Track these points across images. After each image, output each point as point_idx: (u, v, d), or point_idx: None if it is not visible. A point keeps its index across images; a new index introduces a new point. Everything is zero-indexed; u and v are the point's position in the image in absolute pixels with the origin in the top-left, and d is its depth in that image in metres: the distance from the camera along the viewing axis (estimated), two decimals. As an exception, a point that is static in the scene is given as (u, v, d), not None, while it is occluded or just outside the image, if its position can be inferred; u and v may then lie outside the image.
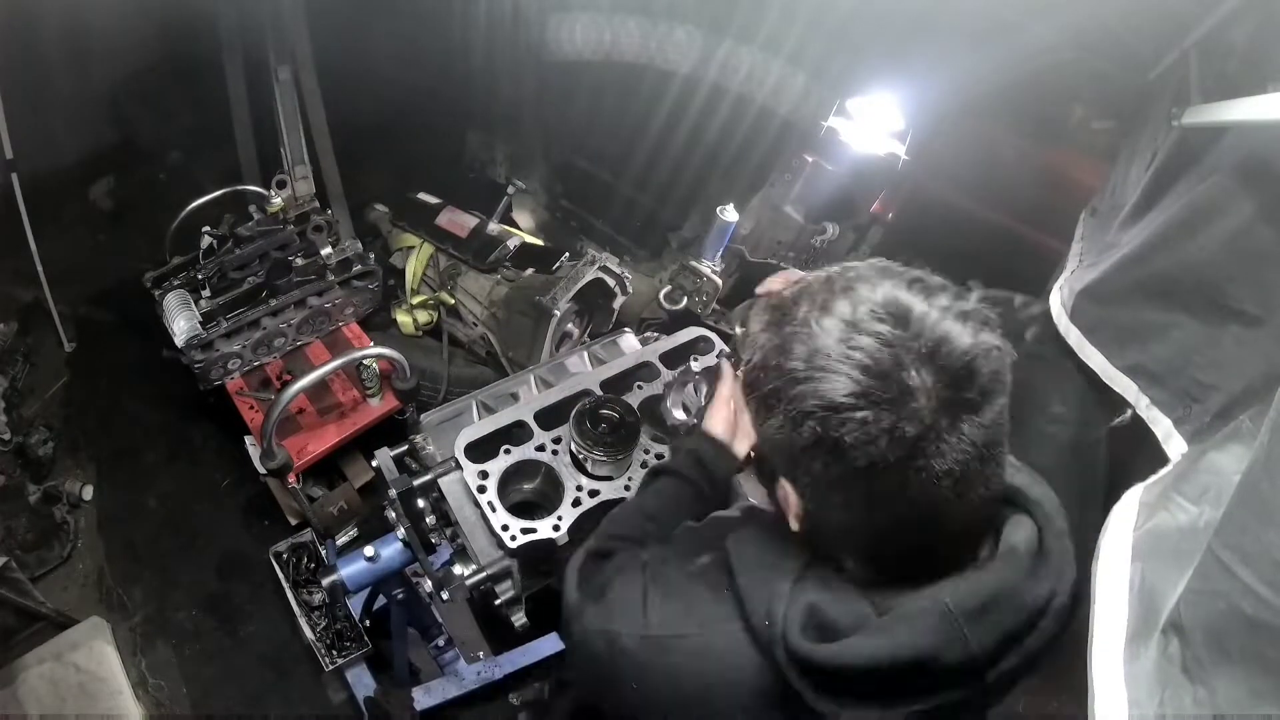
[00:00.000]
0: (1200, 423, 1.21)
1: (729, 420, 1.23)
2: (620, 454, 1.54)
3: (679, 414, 1.51)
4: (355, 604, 2.34)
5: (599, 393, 1.72)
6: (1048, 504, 0.85)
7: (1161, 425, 1.31)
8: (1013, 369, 0.87)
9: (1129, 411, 1.45)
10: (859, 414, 0.68)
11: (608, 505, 1.54)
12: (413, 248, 3.09)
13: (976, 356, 0.70)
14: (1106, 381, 1.50)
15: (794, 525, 0.85)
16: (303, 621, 2.34)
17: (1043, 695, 2.56)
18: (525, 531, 1.47)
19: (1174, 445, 1.25)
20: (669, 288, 2.70)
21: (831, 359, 0.70)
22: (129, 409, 3.09)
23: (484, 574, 1.52)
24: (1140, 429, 1.38)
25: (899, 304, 0.71)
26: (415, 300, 3.02)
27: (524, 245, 2.99)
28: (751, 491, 1.51)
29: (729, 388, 1.25)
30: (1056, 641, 0.80)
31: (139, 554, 2.74)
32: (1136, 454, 1.40)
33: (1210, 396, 1.21)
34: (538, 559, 1.57)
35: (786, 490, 0.82)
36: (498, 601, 1.56)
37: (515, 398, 1.85)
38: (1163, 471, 1.18)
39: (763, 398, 0.76)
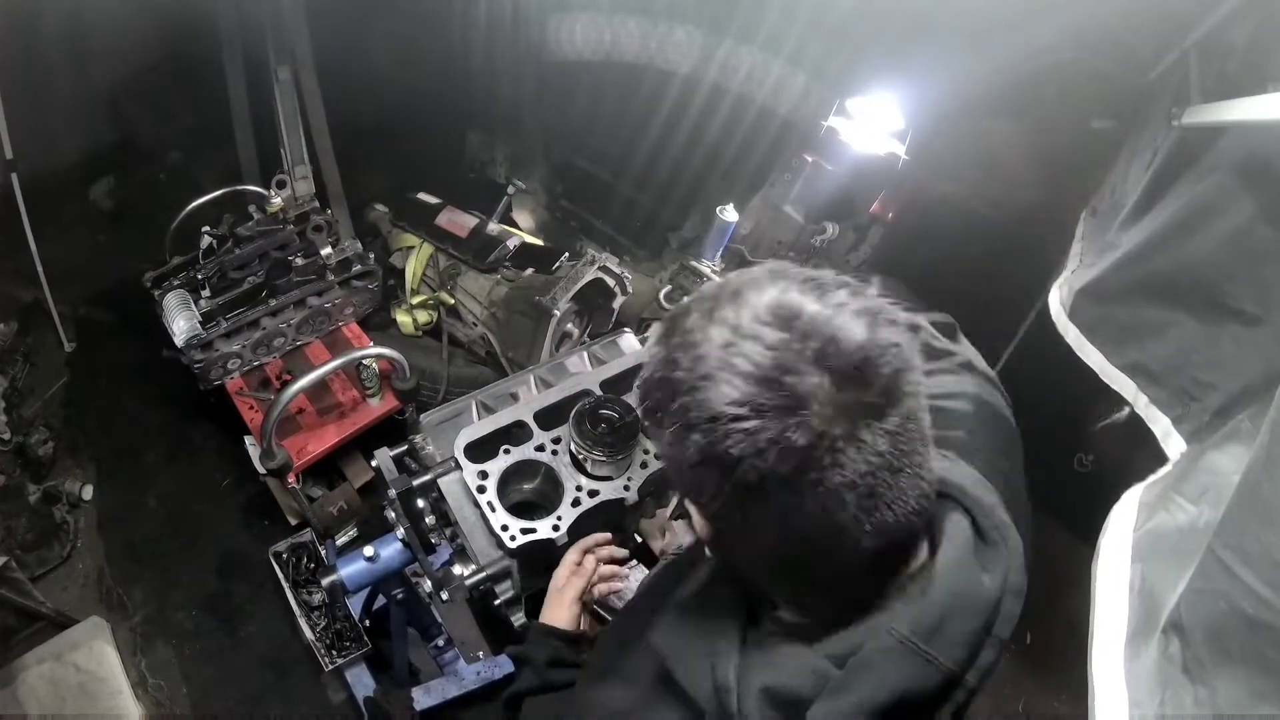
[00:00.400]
0: (1199, 421, 1.21)
1: (567, 605, 1.27)
2: (620, 454, 1.54)
3: None
4: (355, 604, 2.34)
5: (599, 393, 1.72)
6: (971, 485, 0.79)
7: (1160, 424, 1.31)
8: None
9: (1125, 409, 1.45)
10: (744, 424, 0.63)
11: (607, 505, 1.54)
12: (413, 248, 3.09)
13: (871, 354, 0.64)
14: (1105, 380, 1.50)
15: (709, 551, 0.81)
16: (303, 621, 2.34)
17: (1043, 695, 2.57)
18: (525, 531, 1.47)
19: (1173, 444, 1.25)
20: (669, 288, 2.70)
21: (714, 367, 0.65)
22: (129, 409, 3.09)
23: (484, 574, 1.52)
24: (1139, 428, 1.38)
25: (788, 306, 0.66)
26: (415, 300, 3.02)
27: (524, 245, 2.98)
28: (684, 534, 1.54)
29: (565, 571, 1.31)
30: (1022, 614, 0.77)
31: (139, 554, 2.74)
32: (1135, 453, 1.41)
33: (1209, 395, 1.21)
34: (537, 559, 1.57)
35: (694, 514, 0.79)
36: (498, 601, 1.56)
37: (515, 398, 1.85)
38: (1162, 471, 1.18)
39: (653, 413, 0.72)
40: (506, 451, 1.57)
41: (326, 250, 2.55)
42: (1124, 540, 1.06)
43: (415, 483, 1.60)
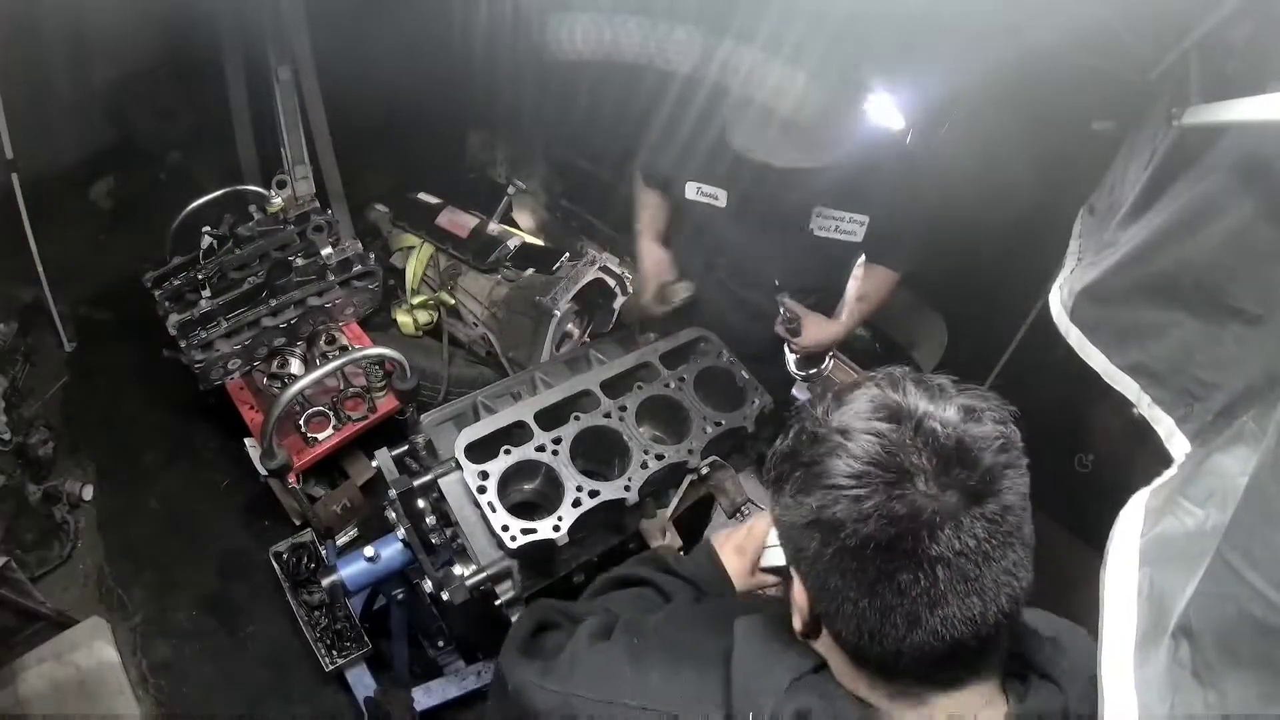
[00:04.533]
0: (1203, 421, 1.21)
1: (742, 549, 1.23)
2: None
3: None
4: (355, 604, 2.34)
5: (599, 393, 1.72)
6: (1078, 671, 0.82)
7: (1164, 424, 1.31)
8: None
9: (1131, 410, 1.45)
10: (852, 492, 0.71)
11: (608, 505, 1.54)
12: (413, 248, 3.09)
13: (968, 440, 0.71)
14: (1108, 381, 1.50)
15: (797, 624, 0.84)
16: (303, 621, 2.34)
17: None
18: (525, 532, 1.47)
19: (1177, 444, 1.25)
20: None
21: (834, 446, 0.74)
22: (129, 409, 3.09)
23: (484, 574, 1.52)
24: (1139, 428, 1.38)
25: (901, 403, 0.75)
26: (415, 300, 3.02)
27: (524, 245, 2.98)
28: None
29: (764, 523, 1.24)
30: None
31: (139, 554, 2.74)
32: (1135, 453, 1.40)
33: (1212, 395, 1.21)
34: (538, 559, 1.57)
35: (795, 583, 0.83)
36: (498, 602, 1.56)
37: (515, 398, 1.85)
38: (1167, 474, 1.17)
39: (777, 481, 0.81)
40: (507, 452, 1.57)
41: (327, 250, 2.55)
42: (1131, 545, 1.05)
43: (416, 483, 1.60)
